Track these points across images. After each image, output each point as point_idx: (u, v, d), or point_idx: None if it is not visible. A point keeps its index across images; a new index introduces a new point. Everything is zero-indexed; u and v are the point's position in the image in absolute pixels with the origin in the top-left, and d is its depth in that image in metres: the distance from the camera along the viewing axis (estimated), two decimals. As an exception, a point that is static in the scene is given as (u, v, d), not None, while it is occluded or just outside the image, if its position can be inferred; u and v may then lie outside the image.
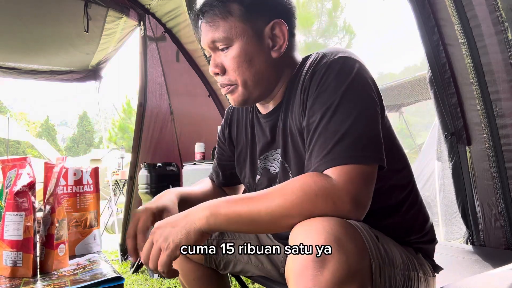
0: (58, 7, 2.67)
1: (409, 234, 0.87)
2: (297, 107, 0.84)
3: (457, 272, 1.21)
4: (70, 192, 1.02)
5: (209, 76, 3.07)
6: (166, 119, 3.21)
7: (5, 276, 0.82)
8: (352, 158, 0.68)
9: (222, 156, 1.16)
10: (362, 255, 0.60)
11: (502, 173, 1.48)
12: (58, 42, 3.25)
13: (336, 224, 0.60)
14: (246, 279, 1.66)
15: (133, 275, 2.75)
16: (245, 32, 0.84)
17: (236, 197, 0.71)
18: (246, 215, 0.67)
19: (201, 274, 1.12)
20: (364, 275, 0.60)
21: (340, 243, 0.58)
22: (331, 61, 0.78)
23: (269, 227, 0.69)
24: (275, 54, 0.86)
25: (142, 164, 2.77)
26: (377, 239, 0.68)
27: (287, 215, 0.65)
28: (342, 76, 0.75)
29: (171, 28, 2.97)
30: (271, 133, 0.94)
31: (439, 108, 1.66)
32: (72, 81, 4.07)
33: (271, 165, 0.95)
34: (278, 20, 0.85)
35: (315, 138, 0.73)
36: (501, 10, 1.30)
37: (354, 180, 0.66)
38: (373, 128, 0.73)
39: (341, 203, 0.64)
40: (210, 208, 0.70)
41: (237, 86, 0.87)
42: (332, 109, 0.73)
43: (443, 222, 2.60)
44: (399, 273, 0.73)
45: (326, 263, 0.56)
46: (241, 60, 0.84)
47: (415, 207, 0.89)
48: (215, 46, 0.87)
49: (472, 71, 1.47)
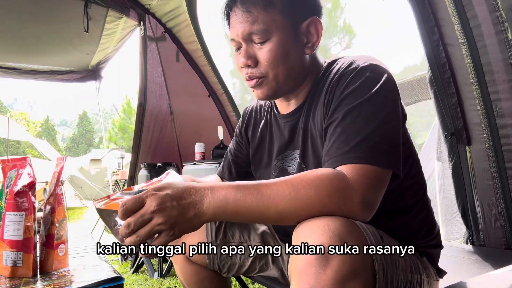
0: (58, 7, 2.67)
1: (416, 237, 0.88)
2: (320, 109, 0.83)
3: (457, 272, 1.21)
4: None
5: (209, 76, 3.07)
6: (166, 119, 3.21)
7: (5, 276, 0.82)
8: (371, 159, 0.68)
9: (239, 153, 1.15)
10: (365, 255, 0.61)
11: (502, 173, 1.48)
12: (58, 42, 3.25)
13: (340, 223, 0.60)
14: (246, 279, 1.66)
15: (133, 275, 2.75)
16: (284, 26, 0.83)
17: (245, 187, 0.66)
18: (255, 210, 0.65)
19: (203, 276, 1.11)
20: (367, 275, 0.61)
21: (343, 243, 0.58)
22: (360, 67, 0.78)
23: (275, 222, 0.68)
24: (308, 51, 0.86)
25: (142, 164, 2.77)
26: (382, 239, 0.68)
27: (294, 214, 0.65)
28: (370, 82, 0.75)
29: (171, 28, 2.97)
30: (290, 133, 0.93)
31: (439, 108, 1.66)
32: (72, 81, 4.07)
33: (289, 165, 0.94)
34: (315, 17, 0.85)
35: (337, 134, 0.73)
36: (501, 10, 1.30)
37: (369, 181, 0.67)
38: (394, 136, 0.74)
39: (352, 204, 0.65)
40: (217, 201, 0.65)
41: (267, 79, 0.85)
42: (358, 110, 0.73)
43: (443, 222, 2.60)
44: (402, 274, 0.73)
45: (330, 261, 0.57)
46: (278, 54, 0.82)
47: (424, 212, 0.90)
48: (250, 38, 0.84)
49: (472, 71, 1.47)
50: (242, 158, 1.14)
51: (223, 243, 1.08)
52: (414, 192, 0.89)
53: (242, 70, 0.87)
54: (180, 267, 1.13)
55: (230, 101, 3.14)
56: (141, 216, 0.63)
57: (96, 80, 4.09)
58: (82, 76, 4.02)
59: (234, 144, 1.16)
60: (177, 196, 0.64)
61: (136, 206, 0.64)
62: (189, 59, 3.06)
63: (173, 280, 2.54)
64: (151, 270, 2.70)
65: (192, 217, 0.65)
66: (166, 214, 0.63)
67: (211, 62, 2.98)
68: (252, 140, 1.08)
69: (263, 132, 1.04)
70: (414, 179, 0.89)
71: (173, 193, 0.64)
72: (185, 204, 0.64)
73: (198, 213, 0.65)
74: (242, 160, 1.14)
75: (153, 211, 0.63)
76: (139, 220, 0.63)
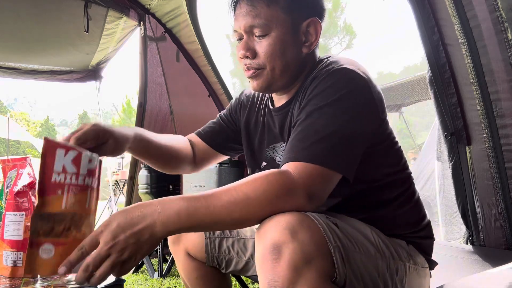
0: (58, 7, 2.67)
1: (401, 228, 0.91)
2: (298, 106, 0.87)
3: (457, 272, 1.21)
4: (81, 184, 0.73)
5: (209, 76, 3.07)
6: (166, 119, 3.21)
7: (5, 276, 0.82)
8: (319, 160, 0.72)
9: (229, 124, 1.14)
10: (317, 241, 0.64)
11: (502, 173, 1.48)
12: (58, 42, 3.25)
13: (290, 217, 0.65)
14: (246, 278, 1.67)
15: (133, 275, 2.75)
16: (284, 23, 0.86)
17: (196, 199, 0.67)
18: (209, 221, 0.67)
19: (203, 272, 1.12)
20: (322, 260, 0.64)
21: (294, 233, 0.62)
22: (334, 69, 0.81)
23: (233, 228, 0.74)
24: (305, 50, 0.89)
25: (142, 164, 2.77)
26: (336, 225, 0.71)
27: (249, 218, 0.69)
28: (338, 86, 0.79)
29: (171, 28, 2.97)
30: (280, 127, 0.96)
31: (439, 108, 1.66)
32: (72, 81, 4.07)
33: (278, 155, 0.98)
34: (315, 18, 0.88)
35: (297, 132, 0.78)
36: (501, 10, 1.30)
37: (313, 178, 0.71)
38: (351, 141, 0.77)
39: (297, 198, 0.69)
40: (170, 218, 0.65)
41: (264, 71, 0.88)
42: (320, 111, 0.77)
43: (443, 222, 2.60)
44: (369, 258, 0.76)
45: (282, 253, 0.61)
46: (275, 49, 0.86)
47: (409, 204, 0.93)
48: (251, 31, 0.87)
49: (472, 71, 1.47)
50: (231, 129, 1.14)
51: (221, 237, 1.09)
52: (397, 186, 0.92)
53: (241, 60, 0.91)
54: (181, 263, 1.14)
55: (230, 101, 3.14)
56: (98, 255, 0.63)
57: (96, 80, 4.09)
58: (82, 76, 4.03)
59: (227, 114, 1.17)
60: (128, 225, 0.64)
61: (93, 247, 0.64)
62: (189, 59, 3.06)
63: (173, 280, 2.54)
64: (151, 270, 2.70)
65: (147, 239, 0.65)
66: (122, 246, 0.63)
67: (211, 62, 2.98)
68: (245, 122, 1.09)
69: (258, 120, 1.06)
70: (396, 176, 0.92)
71: (123, 223, 0.64)
72: (137, 230, 0.64)
73: (152, 234, 0.65)
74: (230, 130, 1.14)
75: (109, 247, 0.63)
76: (97, 259, 0.63)
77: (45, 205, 0.68)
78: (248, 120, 1.09)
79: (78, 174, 0.72)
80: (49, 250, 0.69)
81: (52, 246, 0.69)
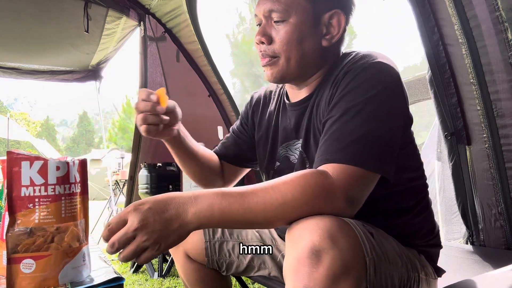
0: (58, 7, 2.67)
1: (416, 237, 0.88)
2: (324, 102, 0.83)
3: (457, 272, 1.21)
4: (52, 194, 0.72)
5: (209, 76, 3.07)
6: (166, 119, 3.20)
7: (5, 276, 0.82)
8: (359, 161, 0.69)
9: (243, 136, 1.13)
10: (356, 250, 0.61)
11: (502, 173, 1.48)
12: (58, 42, 3.25)
13: (330, 221, 0.61)
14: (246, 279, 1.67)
15: (133, 275, 2.75)
16: (305, 11, 0.83)
17: (231, 194, 0.66)
18: (241, 219, 0.65)
19: (204, 274, 1.12)
20: (358, 270, 0.61)
21: (334, 240, 0.58)
22: (369, 63, 0.77)
23: (264, 227, 0.69)
24: (325, 42, 0.86)
25: (142, 164, 2.77)
26: (372, 235, 0.68)
27: (284, 218, 0.66)
28: (375, 81, 0.74)
29: (171, 28, 2.97)
30: (296, 123, 0.93)
31: (439, 108, 1.66)
32: (72, 81, 4.07)
33: (292, 154, 0.95)
34: (339, 10, 0.84)
35: (332, 131, 0.74)
36: (501, 10, 1.29)
37: (352, 181, 0.68)
38: (389, 140, 0.73)
39: (336, 201, 0.66)
40: (202, 211, 0.64)
41: (279, 60, 0.85)
42: (356, 109, 0.73)
43: (443, 222, 2.59)
44: (396, 270, 0.73)
45: (321, 259, 0.57)
46: (292, 37, 0.83)
47: (425, 213, 0.90)
48: (269, 16, 0.84)
49: (472, 71, 1.47)
50: (245, 140, 1.12)
51: (221, 241, 1.09)
52: (416, 193, 0.89)
53: (257, 46, 0.88)
54: (181, 265, 1.14)
55: (230, 101, 3.14)
56: (124, 235, 0.62)
57: (96, 80, 4.09)
58: (82, 76, 4.03)
59: (239, 125, 1.15)
60: (159, 210, 0.63)
61: (120, 225, 0.63)
62: (189, 59, 3.06)
63: (173, 280, 2.54)
64: (151, 270, 2.70)
65: (176, 228, 0.63)
66: (149, 230, 0.61)
67: (211, 62, 2.98)
68: (258, 125, 1.07)
69: (270, 118, 1.03)
70: (418, 182, 0.90)
71: (154, 206, 0.63)
72: (168, 216, 0.63)
73: (182, 224, 0.64)
74: (244, 142, 1.12)
75: (136, 229, 0.61)
76: (123, 239, 0.62)
77: (18, 221, 0.68)
78: (261, 120, 1.06)
79: (46, 185, 0.71)
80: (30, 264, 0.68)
81: (33, 261, 0.68)
